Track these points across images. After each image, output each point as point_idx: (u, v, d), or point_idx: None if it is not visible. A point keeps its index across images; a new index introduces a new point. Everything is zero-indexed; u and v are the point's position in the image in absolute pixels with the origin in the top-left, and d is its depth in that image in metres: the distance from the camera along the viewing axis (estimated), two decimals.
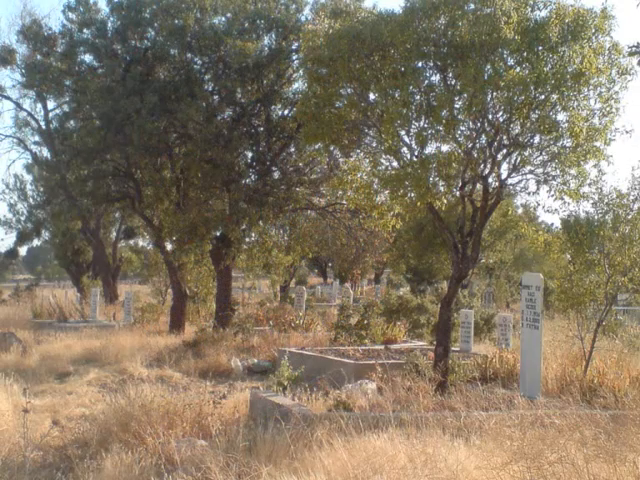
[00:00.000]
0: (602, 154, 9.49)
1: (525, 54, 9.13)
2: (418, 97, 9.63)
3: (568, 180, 9.55)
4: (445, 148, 9.79)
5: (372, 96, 10.27)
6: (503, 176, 9.99)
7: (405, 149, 10.00)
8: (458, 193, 10.22)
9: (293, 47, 17.68)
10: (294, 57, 17.79)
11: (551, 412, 7.48)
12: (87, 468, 6.67)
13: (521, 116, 9.30)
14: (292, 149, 19.08)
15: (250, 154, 19.06)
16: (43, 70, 19.47)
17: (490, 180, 10.07)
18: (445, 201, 9.94)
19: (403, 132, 9.90)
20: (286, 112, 18.54)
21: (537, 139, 9.64)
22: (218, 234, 18.81)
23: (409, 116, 9.55)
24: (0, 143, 58.91)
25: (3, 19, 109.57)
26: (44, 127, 28.26)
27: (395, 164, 10.16)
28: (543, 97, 9.19)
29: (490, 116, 9.66)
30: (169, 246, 20.42)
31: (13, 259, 46.86)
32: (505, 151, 9.85)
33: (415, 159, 9.64)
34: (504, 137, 9.74)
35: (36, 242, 42.25)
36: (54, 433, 8.38)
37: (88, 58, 19.52)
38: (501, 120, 9.62)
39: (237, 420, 8.38)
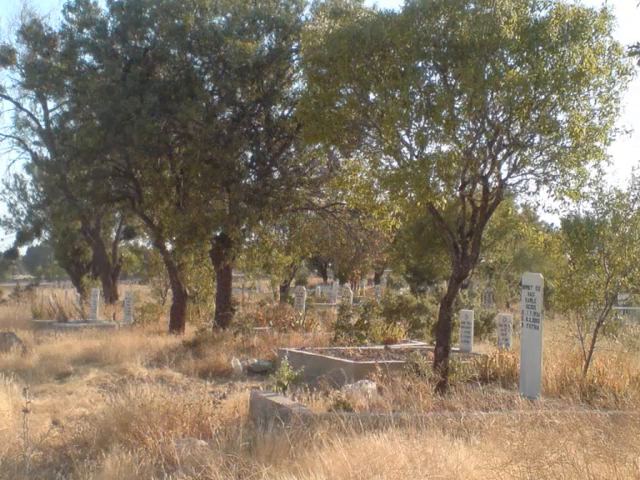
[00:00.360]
0: (602, 154, 9.49)
1: (525, 54, 9.13)
2: (418, 97, 9.63)
3: (568, 180, 9.56)
4: (445, 148, 9.81)
5: (372, 96, 10.27)
6: (503, 176, 10.00)
7: (405, 149, 10.01)
8: (458, 193, 10.22)
9: (293, 47, 17.67)
10: (294, 57, 17.79)
11: (551, 412, 7.48)
12: (87, 468, 6.67)
13: (521, 116, 9.30)
14: (292, 149, 19.09)
15: (250, 154, 19.06)
16: (43, 70, 19.46)
17: (490, 180, 10.07)
18: (445, 201, 9.94)
19: (403, 132, 9.91)
20: (286, 112, 18.54)
21: (537, 139, 9.64)
22: (218, 234, 18.81)
23: (409, 116, 9.55)
24: (0, 143, 58.99)
25: (3, 19, 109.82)
26: (44, 127, 28.25)
27: (395, 164, 10.17)
28: (543, 97, 9.18)
29: (490, 116, 9.66)
30: (169, 246, 20.42)
31: (13, 259, 46.87)
32: (505, 151, 9.85)
33: (415, 159, 9.64)
34: (504, 137, 9.73)
35: (36, 242, 42.35)
36: (54, 433, 8.38)
37: (88, 58, 19.56)
38: (501, 120, 9.62)
39: (237, 420, 8.38)
